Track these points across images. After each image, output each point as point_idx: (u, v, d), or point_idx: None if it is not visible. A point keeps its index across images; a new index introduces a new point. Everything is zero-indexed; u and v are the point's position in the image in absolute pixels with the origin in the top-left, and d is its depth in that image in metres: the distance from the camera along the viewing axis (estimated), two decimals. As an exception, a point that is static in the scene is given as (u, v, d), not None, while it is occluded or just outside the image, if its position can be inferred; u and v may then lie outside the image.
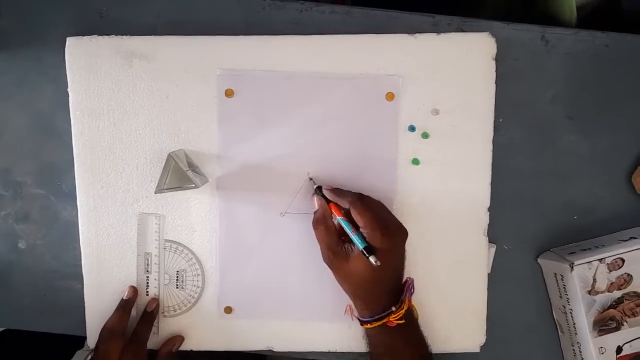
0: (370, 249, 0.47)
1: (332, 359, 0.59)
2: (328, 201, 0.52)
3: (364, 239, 0.48)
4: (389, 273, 0.49)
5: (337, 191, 0.52)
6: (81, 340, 0.91)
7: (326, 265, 0.51)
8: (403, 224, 0.50)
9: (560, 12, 0.71)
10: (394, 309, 0.49)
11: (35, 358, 0.84)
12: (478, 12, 0.79)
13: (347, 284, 0.51)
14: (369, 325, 0.50)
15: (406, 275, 0.53)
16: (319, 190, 0.53)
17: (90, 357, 0.76)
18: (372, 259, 0.46)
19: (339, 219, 0.50)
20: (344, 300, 0.56)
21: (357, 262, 0.48)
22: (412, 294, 0.51)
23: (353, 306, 0.53)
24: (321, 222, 0.51)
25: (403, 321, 0.49)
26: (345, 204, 0.50)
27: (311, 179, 0.55)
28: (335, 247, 0.50)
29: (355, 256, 0.49)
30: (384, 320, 0.49)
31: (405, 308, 0.49)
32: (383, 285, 0.50)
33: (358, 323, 0.53)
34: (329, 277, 0.55)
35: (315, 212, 0.53)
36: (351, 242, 0.49)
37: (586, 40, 0.56)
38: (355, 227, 0.49)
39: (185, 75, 0.54)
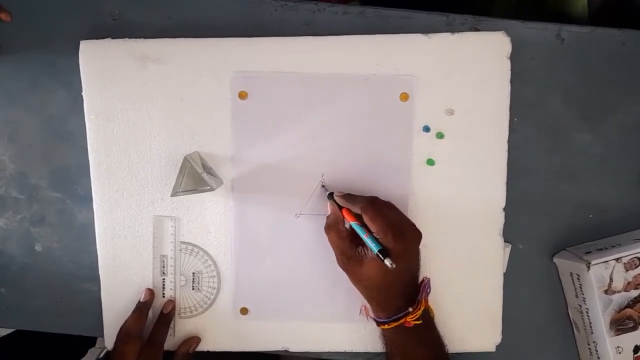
0: (384, 252, 0.47)
1: (347, 358, 0.59)
2: (340, 207, 0.52)
3: (377, 242, 0.48)
4: (403, 275, 0.50)
5: (348, 197, 0.52)
6: (90, 340, 0.92)
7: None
8: (417, 225, 0.50)
9: (572, 8, 0.70)
10: (410, 309, 0.49)
11: (45, 356, 0.85)
12: (488, 8, 0.79)
13: (361, 287, 0.51)
14: (385, 325, 0.50)
15: (421, 275, 0.53)
16: (330, 196, 0.53)
17: (103, 354, 0.77)
18: (387, 262, 0.46)
19: (352, 224, 0.50)
20: (359, 300, 0.57)
21: (371, 265, 0.48)
22: (428, 294, 0.52)
23: (368, 306, 0.54)
24: (332, 227, 0.52)
25: (420, 321, 0.49)
26: (357, 209, 0.50)
27: (323, 186, 0.55)
28: (348, 250, 0.50)
29: (368, 260, 0.48)
30: (401, 321, 0.49)
31: (422, 308, 0.49)
32: (398, 287, 0.50)
33: (374, 323, 0.53)
34: (343, 277, 0.56)
35: (327, 217, 0.53)
36: (364, 245, 0.49)
37: (602, 37, 0.55)
38: (369, 231, 0.49)
39: (199, 77, 0.54)
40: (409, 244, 0.49)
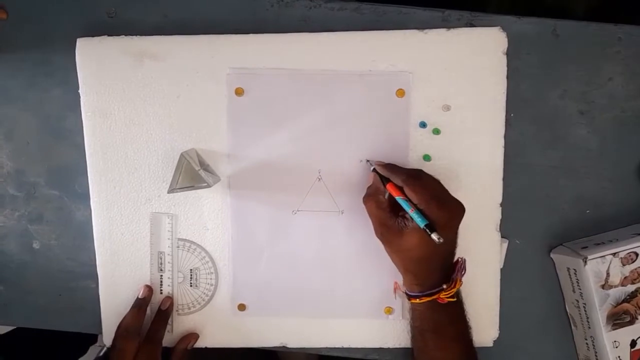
0: (431, 226, 0.46)
1: (345, 354, 0.59)
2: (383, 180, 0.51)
3: (423, 216, 0.46)
4: (442, 248, 0.47)
5: (390, 166, 0.51)
6: (91, 337, 0.92)
7: (338, 262, 0.51)
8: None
9: (568, 3, 0.70)
10: (444, 286, 0.49)
11: (46, 353, 0.85)
12: (485, 4, 0.79)
13: (398, 258, 0.51)
14: (417, 300, 0.50)
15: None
16: (374, 171, 0.52)
17: (103, 352, 0.77)
18: (434, 236, 0.45)
19: (397, 199, 0.49)
20: (356, 296, 0.57)
21: (411, 237, 0.47)
22: (463, 274, 0.51)
23: (399, 282, 0.53)
24: (372, 197, 0.51)
25: (454, 299, 0.49)
26: (398, 181, 0.49)
27: (368, 161, 0.54)
28: (387, 220, 0.49)
29: (409, 230, 0.48)
30: (434, 296, 0.49)
31: (458, 287, 0.49)
32: (436, 261, 0.49)
33: (372, 319, 0.53)
34: (340, 273, 0.56)
35: (367, 188, 0.52)
36: (404, 216, 0.48)
37: (597, 33, 0.55)
38: (414, 205, 0.48)
39: (195, 74, 0.54)
40: (450, 217, 0.48)
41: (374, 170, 0.52)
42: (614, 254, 0.52)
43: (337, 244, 0.56)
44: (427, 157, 0.55)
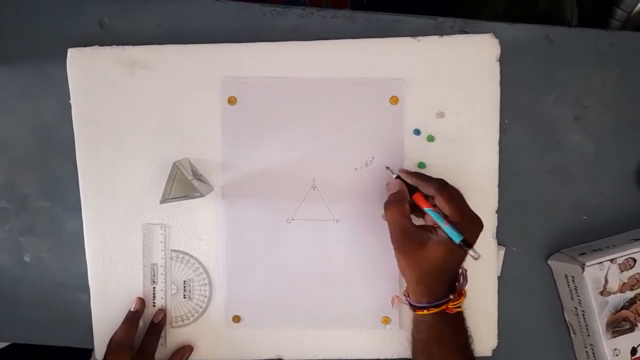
0: (467, 242, 0.45)
1: (341, 365, 0.58)
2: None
3: (457, 230, 0.46)
4: (458, 262, 0.48)
5: (418, 175, 0.50)
6: (87, 352, 0.91)
7: (334, 272, 0.49)
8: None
9: (561, 11, 0.71)
10: (451, 296, 0.48)
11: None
12: (478, 12, 0.79)
13: (414, 269, 0.48)
14: (424, 311, 0.48)
15: None
16: (398, 177, 0.51)
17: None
18: (471, 252, 0.45)
19: (427, 210, 0.48)
20: (352, 306, 0.56)
21: (434, 249, 0.46)
22: (465, 284, 0.50)
23: (402, 294, 0.52)
24: (396, 204, 0.48)
25: (462, 309, 0.49)
26: (430, 190, 0.48)
27: (388, 167, 0.53)
28: (410, 230, 0.47)
29: (432, 243, 0.46)
30: (442, 307, 0.48)
31: (464, 297, 0.49)
32: (448, 273, 0.49)
33: (368, 329, 0.52)
34: (336, 283, 0.55)
35: (390, 194, 0.50)
36: (426, 228, 0.48)
37: (590, 39, 0.55)
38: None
39: (188, 83, 0.54)
40: (476, 232, 0.47)
41: (398, 177, 0.51)
42: (611, 260, 0.52)
43: (332, 253, 0.56)
44: (422, 165, 0.55)
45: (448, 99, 0.54)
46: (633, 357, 0.53)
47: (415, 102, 0.54)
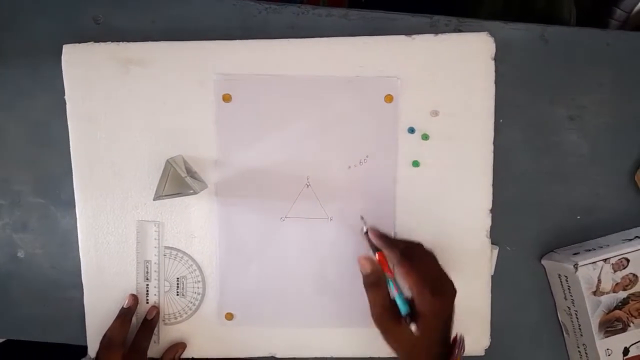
0: (413, 314, 0.45)
1: (334, 364, 0.58)
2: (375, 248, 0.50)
3: (407, 302, 0.46)
4: (440, 333, 0.46)
5: (384, 238, 0.50)
6: (83, 349, 0.91)
7: (327, 270, 0.49)
8: (407, 233, 0.48)
9: (559, 11, 0.70)
10: None
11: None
12: (475, 12, 0.79)
13: (399, 346, 0.48)
14: None
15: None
16: (366, 234, 0.51)
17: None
18: (412, 327, 0.44)
19: (386, 276, 0.48)
20: (345, 305, 0.56)
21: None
22: (463, 353, 0.48)
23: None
24: (373, 288, 0.48)
25: None
26: (391, 258, 0.48)
27: (362, 217, 0.54)
28: (389, 309, 0.47)
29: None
30: None
31: None
32: (434, 346, 0.47)
33: (361, 328, 0.51)
34: (329, 281, 0.55)
35: (367, 274, 0.49)
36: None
37: (586, 38, 0.55)
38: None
39: (182, 80, 0.54)
40: (445, 302, 0.46)
41: (366, 234, 0.51)
42: (605, 260, 0.52)
43: (326, 251, 0.56)
44: (415, 163, 0.54)
45: (443, 97, 0.54)
46: (625, 357, 0.53)
47: (409, 101, 0.54)
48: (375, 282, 0.48)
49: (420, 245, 0.49)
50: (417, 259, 0.47)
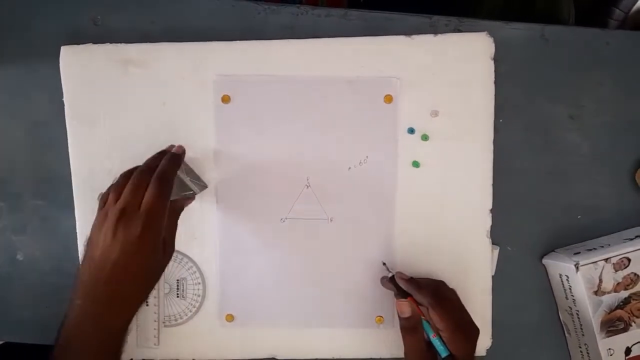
0: (452, 357, 0.46)
1: (335, 365, 0.58)
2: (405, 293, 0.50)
3: (444, 344, 0.47)
4: None
5: (414, 282, 0.50)
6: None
7: (328, 271, 0.49)
8: (406, 234, 0.49)
9: (558, 11, 0.70)
10: None
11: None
12: (475, 12, 0.79)
13: None
14: None
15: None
16: (392, 279, 0.52)
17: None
18: None
19: (422, 319, 0.49)
20: (346, 306, 0.56)
21: None
22: None
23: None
24: (411, 332, 0.49)
25: None
26: (423, 301, 0.48)
27: (384, 264, 0.54)
28: (426, 352, 0.48)
29: None
30: None
31: None
32: None
33: (360, 329, 0.51)
34: (330, 282, 0.55)
35: (405, 317, 0.49)
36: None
37: (586, 37, 0.55)
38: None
39: (181, 81, 0.54)
40: (473, 344, 0.48)
41: (392, 279, 0.51)
42: (606, 260, 0.52)
43: (326, 252, 0.55)
44: (415, 164, 0.54)
45: (442, 97, 0.54)
46: (627, 357, 0.53)
47: (409, 101, 0.54)
48: (413, 327, 0.49)
49: (444, 285, 0.51)
50: (446, 301, 0.48)
